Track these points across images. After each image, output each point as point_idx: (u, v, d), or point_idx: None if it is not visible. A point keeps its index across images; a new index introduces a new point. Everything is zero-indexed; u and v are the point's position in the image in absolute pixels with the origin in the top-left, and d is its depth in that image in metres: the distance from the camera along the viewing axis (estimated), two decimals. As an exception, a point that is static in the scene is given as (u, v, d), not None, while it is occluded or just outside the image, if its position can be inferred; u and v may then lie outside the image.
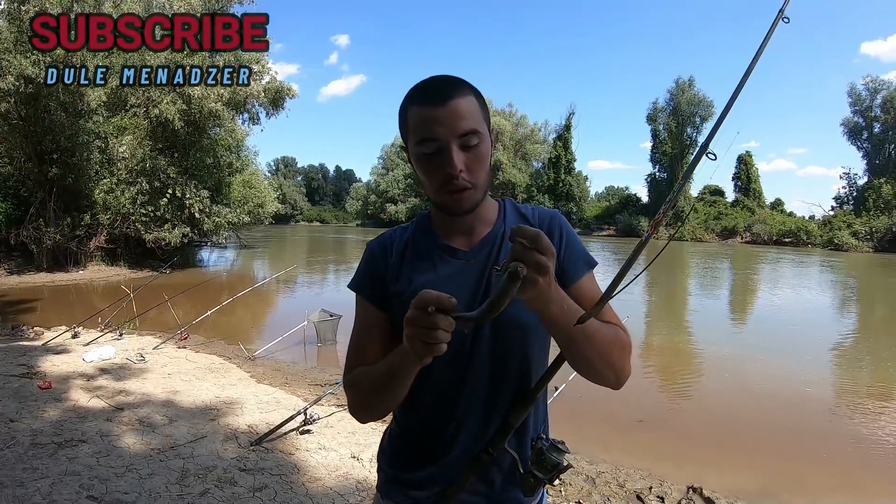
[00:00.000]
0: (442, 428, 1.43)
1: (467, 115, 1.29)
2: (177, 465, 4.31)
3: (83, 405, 5.55)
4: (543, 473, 1.37)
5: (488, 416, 1.42)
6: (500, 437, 1.39)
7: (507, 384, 1.42)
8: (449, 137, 1.27)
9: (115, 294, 13.15)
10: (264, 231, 44.56)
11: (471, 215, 1.40)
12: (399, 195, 79.10)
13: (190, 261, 23.70)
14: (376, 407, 1.39)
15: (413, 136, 1.33)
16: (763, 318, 15.11)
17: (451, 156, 1.27)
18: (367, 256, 1.51)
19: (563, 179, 63.79)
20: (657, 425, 6.87)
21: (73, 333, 9.06)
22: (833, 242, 47.40)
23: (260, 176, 30.94)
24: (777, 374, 9.09)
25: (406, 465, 1.49)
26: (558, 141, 65.34)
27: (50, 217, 18.44)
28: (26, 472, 3.96)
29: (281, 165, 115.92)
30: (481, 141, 1.31)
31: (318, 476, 4.38)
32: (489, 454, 1.39)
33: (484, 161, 1.34)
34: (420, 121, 1.30)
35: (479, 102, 1.36)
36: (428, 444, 1.46)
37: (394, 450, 1.54)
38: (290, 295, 17.91)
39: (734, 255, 38.53)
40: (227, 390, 6.61)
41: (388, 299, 1.43)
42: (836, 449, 6.18)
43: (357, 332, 1.49)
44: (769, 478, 5.39)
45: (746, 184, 61.06)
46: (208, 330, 10.62)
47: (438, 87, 1.31)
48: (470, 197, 1.34)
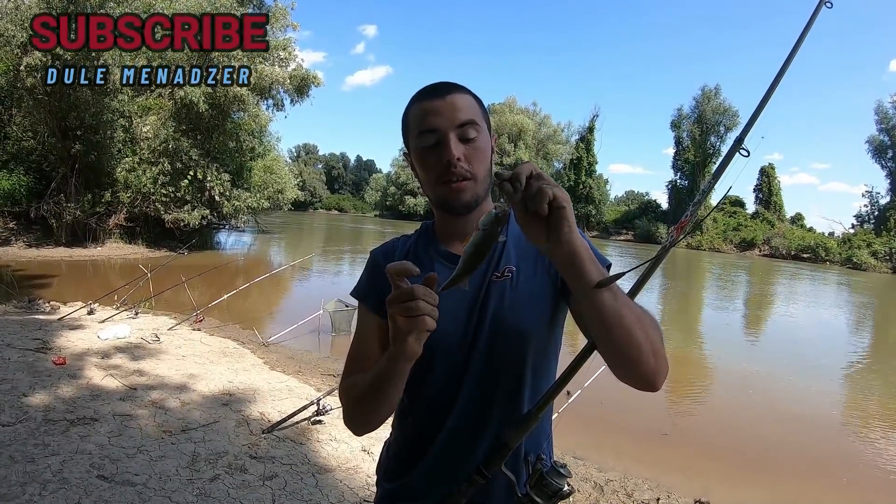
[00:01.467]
0: (433, 437, 1.39)
1: (464, 108, 1.31)
2: (188, 449, 4.28)
3: (97, 383, 5.55)
4: (543, 499, 1.29)
5: (481, 428, 1.37)
6: (496, 458, 1.31)
7: (502, 397, 1.37)
8: (447, 127, 1.29)
9: (132, 272, 13.22)
10: (283, 217, 44.75)
11: (472, 220, 1.28)
12: (419, 188, 78.72)
13: (208, 243, 23.81)
14: (368, 414, 1.33)
15: (413, 132, 1.35)
16: (781, 335, 14.93)
17: (448, 143, 1.29)
18: (371, 265, 1.50)
19: (584, 182, 63.46)
20: (669, 437, 6.80)
21: (89, 310, 9.09)
22: (851, 261, 46.66)
23: (281, 162, 31.12)
24: (796, 393, 9.01)
25: (401, 478, 1.46)
26: (580, 142, 65.04)
27: (71, 192, 18.57)
28: (37, 449, 3.95)
29: (302, 152, 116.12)
30: (479, 134, 1.32)
31: (328, 467, 4.35)
32: (483, 475, 1.31)
33: (483, 155, 1.34)
34: (420, 115, 1.33)
35: (478, 103, 1.38)
36: (420, 454, 1.42)
37: (389, 465, 1.51)
38: (306, 283, 17.92)
39: (752, 268, 38.18)
40: (240, 375, 6.59)
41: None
42: (853, 471, 6.09)
43: (357, 340, 1.47)
44: (779, 495, 5.33)
45: (767, 196, 60.40)
46: (223, 313, 10.63)
47: (437, 85, 1.35)
48: (469, 188, 1.32)
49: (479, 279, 1.35)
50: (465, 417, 1.37)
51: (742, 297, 23.38)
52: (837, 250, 49.76)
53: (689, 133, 61.52)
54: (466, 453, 1.37)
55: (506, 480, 1.33)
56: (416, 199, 76.97)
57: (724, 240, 56.48)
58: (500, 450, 1.30)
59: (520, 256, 1.39)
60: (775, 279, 31.33)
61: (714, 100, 59.60)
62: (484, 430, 1.37)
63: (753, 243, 55.50)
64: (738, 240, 56.42)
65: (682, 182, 62.24)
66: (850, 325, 17.54)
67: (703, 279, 28.85)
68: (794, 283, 30.02)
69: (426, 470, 1.40)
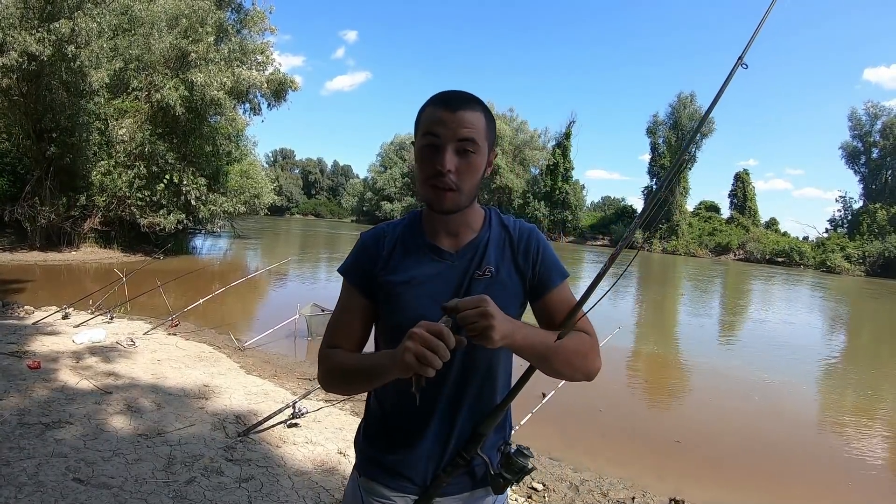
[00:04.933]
0: (412, 424, 1.57)
1: (471, 125, 1.43)
2: (164, 452, 4.30)
3: (72, 386, 5.54)
4: (511, 475, 1.54)
5: (459, 417, 1.57)
6: (472, 444, 1.54)
7: (478, 388, 1.57)
8: (448, 139, 1.41)
9: (107, 277, 13.14)
10: (259, 221, 44.42)
11: (457, 220, 1.54)
12: (395, 193, 79.06)
13: (183, 247, 23.66)
14: (344, 390, 1.62)
15: (420, 131, 1.47)
16: (753, 336, 15.19)
17: (444, 154, 1.41)
18: (360, 246, 1.63)
19: (560, 187, 63.69)
20: (644, 437, 6.92)
21: (64, 314, 9.03)
22: (825, 264, 47.49)
23: (258, 166, 30.98)
24: (772, 392, 9.22)
25: (381, 450, 1.62)
26: (557, 148, 65.26)
27: (45, 195, 18.34)
28: (13, 452, 3.95)
29: (279, 157, 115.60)
30: (477, 153, 1.44)
31: (304, 470, 4.39)
32: (464, 458, 1.54)
33: (474, 171, 1.46)
34: (429, 119, 1.45)
35: (488, 123, 1.50)
36: (399, 436, 1.59)
37: (371, 432, 1.67)
38: (283, 287, 17.88)
39: (727, 272, 38.57)
40: (216, 379, 6.60)
41: (374, 288, 1.56)
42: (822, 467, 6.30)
43: (339, 313, 1.63)
44: (749, 494, 5.44)
45: (742, 201, 61.13)
46: (199, 318, 10.60)
47: (454, 96, 1.46)
48: (452, 198, 1.46)
49: (461, 276, 1.53)
50: (448, 407, 1.56)
51: (718, 300, 23.67)
52: (811, 254, 50.56)
53: (664, 139, 62.00)
54: (449, 439, 1.57)
55: (481, 461, 1.57)
56: (392, 204, 76.97)
57: (700, 244, 57.08)
58: (476, 437, 1.54)
59: (498, 258, 1.55)
60: (750, 283, 31.68)
61: (690, 106, 60.13)
62: (459, 417, 1.57)
63: (728, 248, 56.12)
64: (713, 244, 57.02)
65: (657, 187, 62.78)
66: (823, 328, 17.82)
67: (678, 283, 29.11)
68: (769, 287, 30.38)
69: (415, 454, 1.58)
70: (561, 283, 1.60)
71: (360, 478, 1.66)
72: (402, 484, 1.59)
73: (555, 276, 1.59)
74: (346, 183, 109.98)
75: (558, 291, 1.59)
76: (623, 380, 9.49)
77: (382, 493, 1.61)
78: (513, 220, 1.65)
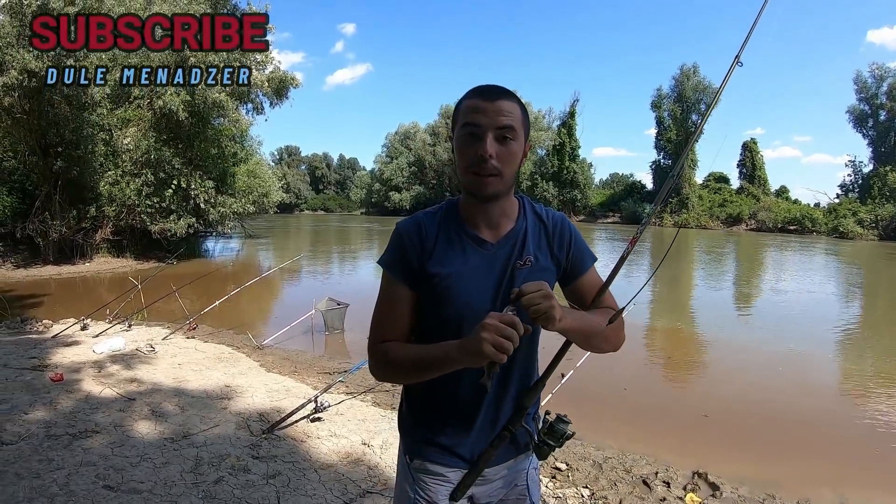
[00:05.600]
0: (465, 406, 1.68)
1: (509, 114, 1.50)
2: (190, 454, 4.35)
3: (95, 396, 5.60)
4: (554, 441, 1.65)
5: (505, 394, 1.70)
6: (516, 417, 1.66)
7: (521, 367, 1.70)
8: (488, 127, 1.48)
9: (122, 285, 13.22)
10: (269, 220, 44.59)
11: (496, 209, 1.61)
12: (403, 183, 78.91)
13: (196, 251, 23.77)
14: (404, 379, 1.73)
15: (460, 122, 1.54)
16: (771, 306, 14.93)
17: (485, 141, 1.48)
18: (399, 237, 1.65)
19: (568, 167, 63.30)
20: (662, 413, 6.91)
21: (82, 325, 9.11)
22: (838, 230, 46.78)
23: (264, 165, 31.05)
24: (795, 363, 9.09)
25: (433, 431, 1.72)
26: (562, 128, 64.77)
27: (55, 210, 18.42)
28: (42, 464, 4.00)
29: (285, 154, 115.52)
30: (515, 140, 1.52)
31: (330, 462, 4.42)
32: (510, 431, 1.65)
33: (513, 158, 1.53)
34: (469, 110, 1.52)
35: (523, 114, 1.56)
36: (452, 418, 1.70)
37: (420, 417, 1.76)
38: (297, 284, 17.93)
39: (739, 243, 38.18)
40: (237, 379, 6.65)
41: (419, 279, 1.61)
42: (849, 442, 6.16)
43: (383, 307, 1.67)
44: (774, 466, 5.39)
45: (751, 171, 60.19)
46: (216, 320, 10.66)
47: (491, 88, 1.54)
48: (493, 183, 1.52)
49: (504, 265, 1.61)
50: (498, 388, 1.68)
51: (733, 272, 23.52)
52: (823, 221, 49.92)
53: (669, 113, 61.34)
54: (497, 416, 1.70)
55: (523, 431, 1.71)
56: (400, 194, 76.82)
57: (711, 216, 56.46)
58: (521, 410, 1.66)
59: (535, 247, 1.65)
60: (764, 253, 31.29)
61: (693, 78, 59.45)
62: (507, 395, 1.70)
63: (740, 218, 55.51)
64: (724, 216, 56.39)
65: (665, 162, 62.00)
66: (839, 297, 17.66)
67: (691, 257, 28.92)
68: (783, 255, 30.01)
69: (467, 433, 1.70)
70: (591, 266, 1.75)
71: (410, 462, 1.75)
72: (453, 460, 1.70)
73: (587, 260, 1.73)
74: (354, 176, 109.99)
75: (589, 274, 1.73)
76: (644, 357, 9.46)
77: (435, 470, 1.71)
78: (544, 208, 1.75)
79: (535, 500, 1.89)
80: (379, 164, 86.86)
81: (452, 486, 1.73)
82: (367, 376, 7.09)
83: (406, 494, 1.77)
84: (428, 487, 1.73)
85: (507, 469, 1.79)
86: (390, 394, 6.50)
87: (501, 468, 1.77)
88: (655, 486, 4.62)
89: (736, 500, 4.42)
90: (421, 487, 1.74)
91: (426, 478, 1.73)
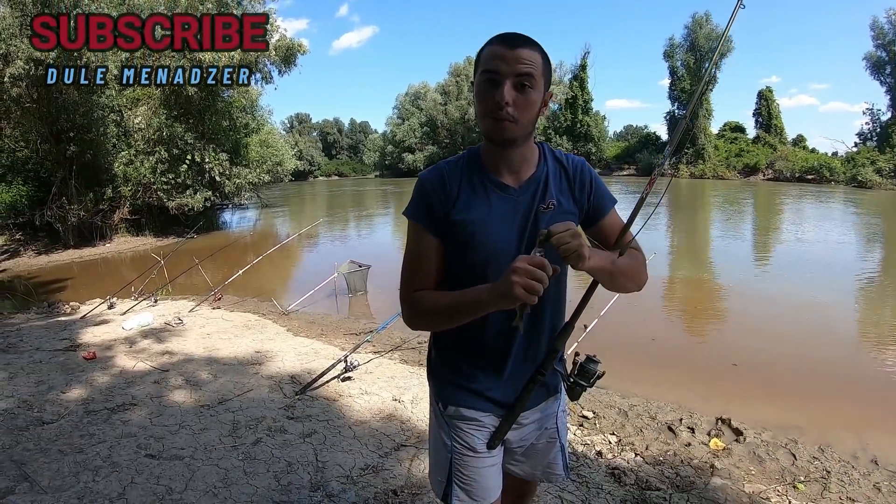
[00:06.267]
0: (498, 350, 1.71)
1: (529, 62, 1.50)
2: (227, 419, 4.43)
3: (129, 370, 5.69)
4: (585, 381, 1.66)
5: (536, 338, 1.73)
6: (548, 360, 1.67)
7: (550, 310, 1.74)
8: (507, 74, 1.49)
9: (144, 263, 13.35)
10: (284, 189, 44.58)
11: (516, 154, 1.62)
12: (416, 143, 78.23)
13: (214, 224, 23.84)
14: (438, 326, 1.71)
15: (480, 68, 1.55)
16: (793, 256, 14.49)
17: (503, 87, 1.49)
18: (423, 188, 1.66)
19: (581, 120, 62.31)
20: (688, 362, 6.94)
21: (109, 304, 9.22)
22: (856, 179, 45.16)
23: (276, 134, 30.94)
24: (820, 313, 8.95)
25: (466, 377, 1.76)
26: (574, 81, 63.55)
27: (72, 194, 18.51)
28: (84, 439, 4.08)
29: (295, 122, 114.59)
30: (534, 88, 1.52)
31: (363, 419, 4.49)
32: (542, 374, 1.67)
33: (531, 106, 1.53)
34: (490, 57, 1.52)
35: (544, 63, 1.56)
36: (484, 363, 1.73)
37: (450, 363, 1.79)
38: (317, 249, 18.01)
39: (757, 193, 37.49)
40: (266, 345, 6.74)
41: (445, 227, 1.63)
42: (872, 389, 6.13)
43: (412, 258, 1.69)
44: (797, 413, 5.35)
45: (767, 120, 58.19)
46: (240, 289, 10.78)
47: (513, 36, 1.53)
48: (509, 129, 1.53)
49: (527, 210, 1.63)
50: (530, 330, 1.70)
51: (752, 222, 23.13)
52: (842, 170, 48.46)
53: (683, 62, 59.54)
54: (529, 359, 1.74)
55: (555, 375, 1.77)
56: (414, 154, 76.18)
57: (727, 167, 55.17)
58: (552, 353, 1.67)
59: (557, 191, 1.66)
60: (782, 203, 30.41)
61: (706, 26, 57.71)
62: (539, 338, 1.74)
63: (757, 168, 53.94)
64: (741, 166, 54.84)
65: (679, 112, 60.52)
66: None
67: (709, 207, 28.59)
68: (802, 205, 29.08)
69: (500, 377, 1.74)
70: (612, 208, 1.75)
71: (443, 410, 1.79)
72: (487, 405, 1.75)
73: (608, 203, 1.74)
74: (366, 139, 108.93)
75: (611, 216, 1.74)
76: (667, 307, 9.47)
77: (470, 415, 1.75)
78: (563, 153, 1.75)
79: (563, 442, 1.95)
80: (391, 126, 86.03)
81: (488, 430, 1.77)
82: (393, 335, 7.17)
83: (442, 443, 1.81)
84: (464, 433, 1.77)
85: (539, 412, 1.85)
86: (417, 351, 6.58)
87: (534, 412, 1.83)
88: (680, 432, 4.65)
89: (759, 444, 4.44)
90: (458, 434, 1.77)
91: (461, 423, 1.77)
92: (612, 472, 3.81)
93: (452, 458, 1.79)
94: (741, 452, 4.32)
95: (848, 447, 4.60)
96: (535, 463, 1.94)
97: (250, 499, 3.30)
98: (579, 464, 3.89)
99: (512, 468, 1.96)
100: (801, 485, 3.81)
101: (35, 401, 4.79)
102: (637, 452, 4.21)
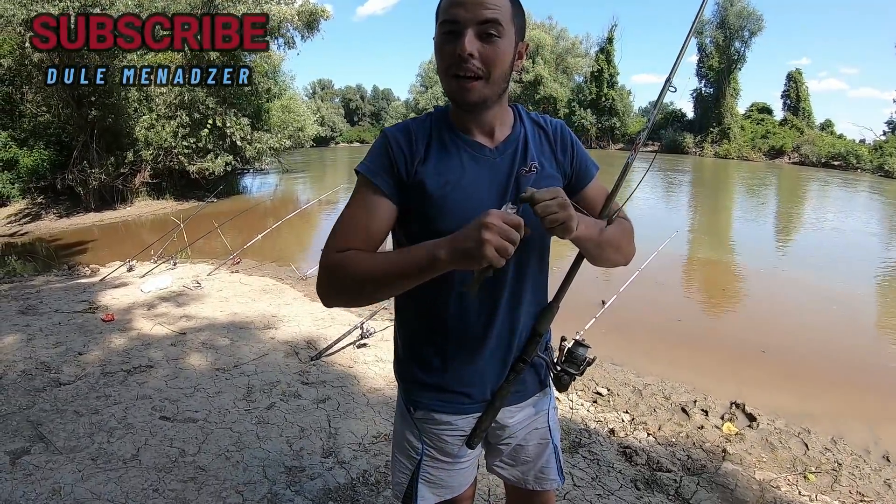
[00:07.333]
0: (471, 337, 1.49)
1: (493, 6, 1.28)
2: (242, 382, 4.44)
3: (147, 333, 5.72)
4: (574, 369, 1.54)
5: (517, 321, 1.51)
6: (531, 345, 1.52)
7: (530, 287, 1.53)
8: (467, 22, 1.28)
9: (163, 226, 13.41)
10: (305, 154, 44.45)
11: (489, 116, 1.42)
12: (439, 111, 78.00)
13: (234, 189, 23.87)
14: (365, 295, 1.37)
15: (439, 20, 1.34)
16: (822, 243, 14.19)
17: (463, 37, 1.28)
18: (387, 142, 1.44)
19: (606, 94, 61.13)
20: (708, 345, 6.86)
21: (129, 267, 9.25)
22: (883, 168, 44.19)
23: (298, 100, 30.80)
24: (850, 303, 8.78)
25: (435, 371, 1.54)
26: (600, 54, 62.27)
27: (93, 158, 18.58)
28: (100, 400, 4.11)
29: (318, 88, 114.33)
30: (502, 36, 1.30)
31: (376, 386, 4.48)
32: (525, 362, 1.51)
33: (501, 57, 1.32)
34: (448, 5, 1.31)
35: (514, 7, 1.35)
36: (457, 351, 1.51)
37: (418, 356, 1.56)
38: (336, 215, 17.89)
39: (781, 176, 36.69)
40: (282, 309, 6.74)
41: (407, 190, 1.41)
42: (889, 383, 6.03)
43: (355, 215, 1.44)
44: (813, 401, 5.30)
45: (796, 102, 56.77)
46: (258, 254, 10.79)
47: None
48: (478, 89, 1.33)
49: (507, 173, 1.43)
50: (508, 310, 1.49)
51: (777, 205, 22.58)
52: (869, 158, 47.38)
53: (712, 39, 58.39)
54: (510, 345, 1.52)
55: (541, 362, 1.56)
56: (437, 123, 75.93)
57: (753, 148, 54.10)
58: (534, 338, 1.49)
59: (539, 152, 1.47)
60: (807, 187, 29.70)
61: (737, 3, 56.37)
62: (519, 320, 1.51)
63: (783, 151, 52.68)
64: (766, 148, 53.64)
65: (707, 90, 59.45)
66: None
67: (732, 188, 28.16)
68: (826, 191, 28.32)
69: (476, 366, 1.51)
70: (595, 174, 1.60)
71: (413, 413, 1.59)
72: (462, 406, 1.54)
73: (591, 167, 1.59)
74: (388, 107, 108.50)
75: (596, 183, 1.59)
76: (688, 288, 9.38)
77: (442, 419, 1.56)
78: (540, 115, 1.57)
79: (556, 443, 1.73)
80: (414, 94, 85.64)
81: (464, 432, 1.57)
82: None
83: (411, 445, 1.63)
84: (437, 437, 1.59)
85: (528, 408, 1.64)
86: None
87: (521, 408, 1.62)
88: (694, 415, 4.61)
89: (772, 432, 4.38)
90: (430, 437, 1.59)
91: (434, 427, 1.58)
92: (623, 450, 3.77)
93: (422, 461, 1.61)
94: (754, 438, 4.27)
95: (861, 440, 4.53)
96: (526, 468, 1.71)
97: (262, 463, 3.31)
98: (591, 441, 3.86)
99: (500, 471, 1.75)
100: (811, 475, 3.76)
101: (52, 362, 4.82)
102: (650, 432, 4.17)
